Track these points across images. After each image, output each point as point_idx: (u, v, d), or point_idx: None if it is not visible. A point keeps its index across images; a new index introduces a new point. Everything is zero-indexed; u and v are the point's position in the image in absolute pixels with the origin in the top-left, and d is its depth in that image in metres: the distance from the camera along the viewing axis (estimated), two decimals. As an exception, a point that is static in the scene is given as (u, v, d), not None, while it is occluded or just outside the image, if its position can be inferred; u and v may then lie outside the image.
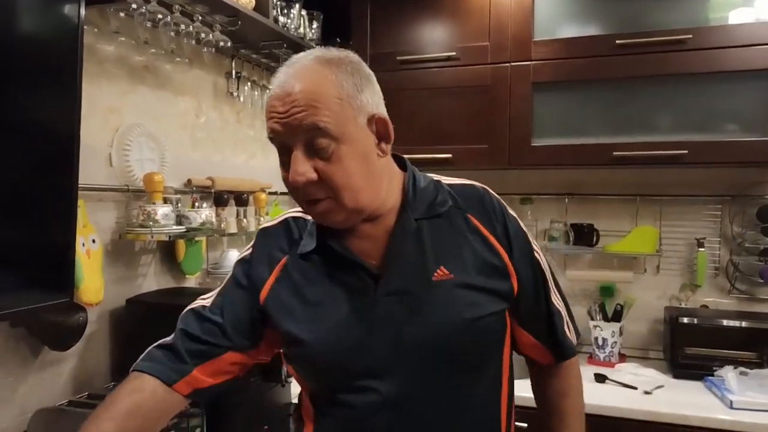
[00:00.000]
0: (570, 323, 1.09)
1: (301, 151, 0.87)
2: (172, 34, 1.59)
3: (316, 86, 0.87)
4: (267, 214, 2.17)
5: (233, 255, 1.96)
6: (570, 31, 2.17)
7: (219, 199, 1.91)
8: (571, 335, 1.08)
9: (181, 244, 1.78)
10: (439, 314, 0.92)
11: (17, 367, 1.36)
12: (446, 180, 1.04)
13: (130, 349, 1.58)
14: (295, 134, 0.87)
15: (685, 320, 2.13)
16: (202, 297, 1.06)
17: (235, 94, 2.01)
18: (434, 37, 2.30)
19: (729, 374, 1.93)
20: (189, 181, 1.84)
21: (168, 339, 1.02)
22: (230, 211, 2.00)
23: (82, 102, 1.21)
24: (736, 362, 2.02)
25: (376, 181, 0.93)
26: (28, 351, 1.38)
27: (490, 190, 1.04)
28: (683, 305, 2.35)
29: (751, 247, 2.26)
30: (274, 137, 0.90)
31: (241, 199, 2.03)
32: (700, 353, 2.11)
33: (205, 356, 0.99)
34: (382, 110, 0.95)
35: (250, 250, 1.04)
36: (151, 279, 1.74)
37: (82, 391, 1.44)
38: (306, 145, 0.87)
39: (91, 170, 1.49)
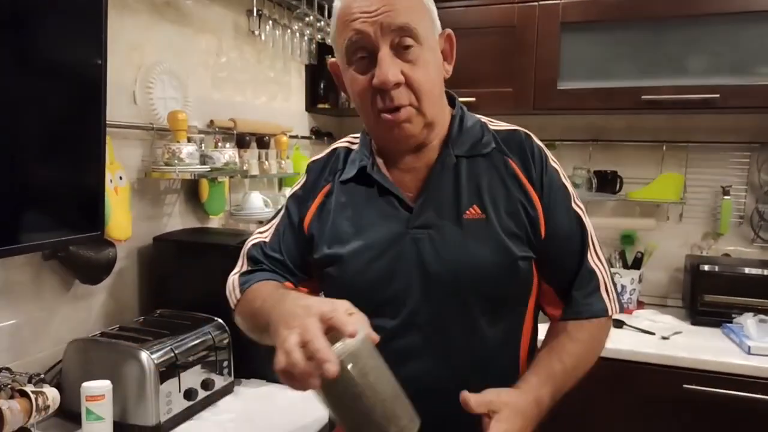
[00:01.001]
0: (611, 289, 1.01)
1: (389, 52, 0.88)
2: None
3: None
4: (288, 158, 2.16)
5: (255, 197, 1.97)
6: (602, -32, 2.09)
7: (241, 141, 1.91)
8: (610, 301, 1.00)
9: (205, 184, 1.80)
10: (464, 252, 0.92)
11: (51, 300, 1.40)
12: (493, 123, 1.03)
13: (158, 284, 1.64)
14: (384, 34, 0.87)
15: (706, 268, 2.12)
16: (259, 231, 1.09)
17: (257, 32, 1.98)
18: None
19: (748, 321, 1.93)
20: (211, 121, 1.83)
21: (246, 268, 1.06)
22: (252, 153, 2.00)
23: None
24: (756, 310, 2.02)
25: (440, 98, 0.96)
26: (61, 285, 1.42)
27: (534, 137, 1.02)
28: (705, 253, 2.34)
29: (778, 195, 2.23)
30: (359, 39, 0.89)
31: (262, 141, 2.03)
32: (720, 301, 2.11)
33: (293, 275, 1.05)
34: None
35: (300, 184, 1.07)
36: (177, 218, 1.76)
37: (113, 324, 1.48)
38: (393, 46, 0.88)
39: (116, 108, 1.48)
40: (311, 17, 2.07)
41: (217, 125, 1.83)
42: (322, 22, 2.13)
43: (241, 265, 1.08)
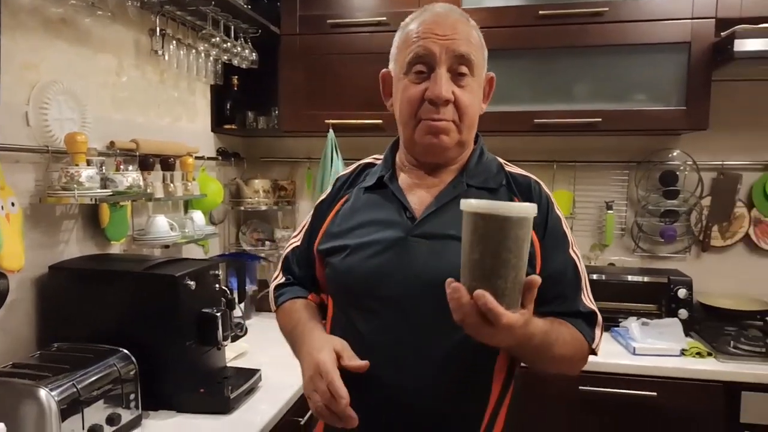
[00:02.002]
0: (602, 330, 1.09)
1: (446, 73, 1.02)
2: (93, -15, 1.50)
3: (469, 28, 1.05)
4: (194, 179, 2.11)
5: (161, 221, 1.90)
6: (496, 0, 2.24)
7: (144, 163, 1.85)
8: (598, 339, 1.07)
9: (105, 209, 1.72)
10: (452, 262, 0.95)
11: (-68, 339, 1.28)
12: (508, 166, 1.14)
13: (56, 316, 1.55)
14: (447, 56, 1.01)
15: (594, 277, 2.30)
16: (293, 235, 1.27)
17: (160, 52, 1.93)
18: (364, 2, 2.30)
19: (632, 324, 2.12)
20: (112, 143, 1.76)
21: (281, 279, 1.25)
22: (156, 175, 1.93)
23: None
24: (638, 314, 2.23)
25: (474, 126, 1.09)
26: (-56, 321, 1.31)
27: (545, 188, 1.12)
28: (593, 263, 2.54)
29: (653, 209, 2.47)
30: (425, 54, 1.02)
31: (167, 163, 1.97)
32: (608, 307, 2.29)
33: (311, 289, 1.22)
34: None
35: (327, 192, 1.23)
36: (74, 246, 1.67)
37: (6, 361, 1.37)
38: (452, 69, 1.02)
39: (6, 130, 1.40)
40: (217, 38, 2.05)
41: (119, 147, 1.76)
42: (229, 43, 2.11)
43: (278, 273, 1.27)
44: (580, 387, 1.96)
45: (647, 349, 2.02)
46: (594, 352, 1.08)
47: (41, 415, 1.18)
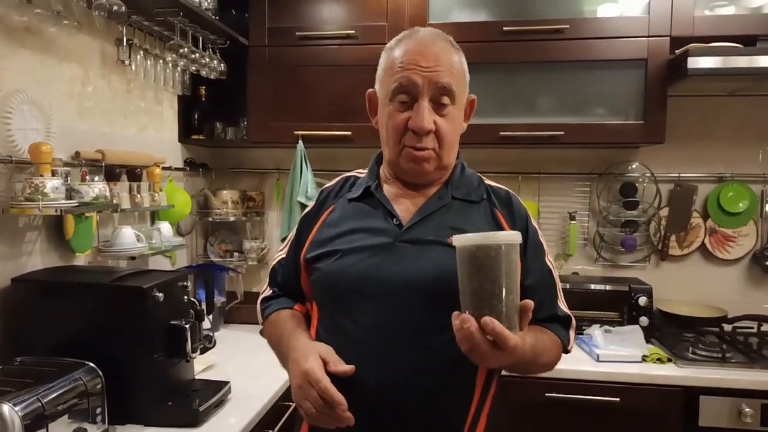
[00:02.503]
0: (575, 332, 1.19)
1: (428, 103, 1.06)
2: (59, -7, 1.48)
3: (452, 56, 1.09)
4: (161, 190, 2.09)
5: (127, 232, 1.88)
6: (462, 15, 2.29)
7: (110, 174, 1.82)
8: (572, 340, 1.17)
9: (70, 220, 1.68)
10: (439, 266, 1.03)
11: None
12: (489, 181, 1.22)
13: (18, 330, 1.51)
14: (429, 88, 1.06)
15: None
16: (280, 248, 1.29)
17: (127, 62, 1.91)
18: (333, 15, 2.32)
19: (596, 332, 2.17)
20: (77, 153, 1.73)
21: (268, 292, 1.28)
22: (122, 186, 1.91)
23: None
24: (601, 321, 2.29)
25: (455, 149, 1.15)
26: None
27: (521, 201, 1.20)
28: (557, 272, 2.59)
29: (614, 219, 2.54)
30: (408, 85, 1.06)
31: (134, 173, 1.95)
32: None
33: (297, 300, 1.25)
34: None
35: (312, 204, 1.26)
36: (37, 257, 1.63)
37: (-35, 377, 1.33)
38: (432, 100, 1.06)
39: (-33, 140, 1.37)
40: (185, 49, 2.04)
41: (84, 157, 1.74)
42: (197, 54, 2.11)
43: (266, 286, 1.30)
44: (546, 394, 2.01)
45: (610, 355, 2.07)
46: (567, 351, 1.17)
47: (4, 430, 1.15)
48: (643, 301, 2.28)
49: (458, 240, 0.88)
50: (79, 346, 1.45)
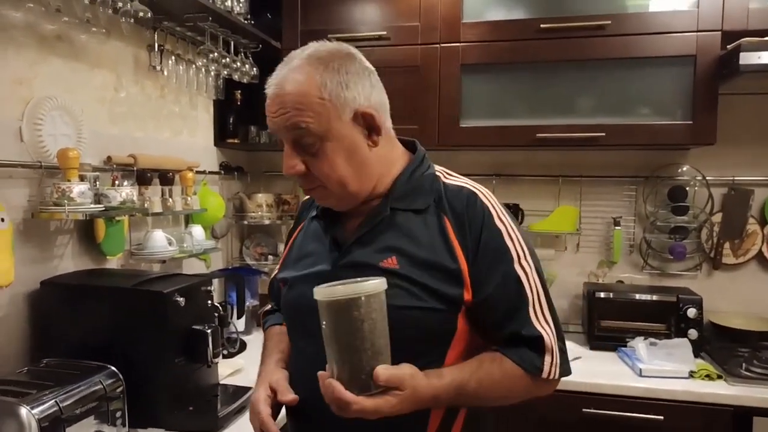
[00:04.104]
0: (556, 353, 0.98)
1: (290, 147, 0.98)
2: (86, 2, 1.51)
3: (301, 88, 0.95)
4: (195, 194, 2.12)
5: (158, 236, 1.90)
6: (497, 14, 2.22)
7: (142, 178, 1.85)
8: (551, 365, 0.98)
9: (101, 224, 1.72)
10: None
11: None
12: (448, 178, 1.07)
13: (46, 332, 1.54)
14: (283, 132, 0.97)
15: (602, 295, 2.25)
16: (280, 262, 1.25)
17: (158, 68, 1.94)
18: (365, 16, 2.30)
19: (639, 344, 2.05)
20: (109, 158, 1.77)
21: (268, 306, 1.31)
22: (154, 190, 1.94)
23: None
24: (646, 333, 2.16)
25: (366, 171, 1.01)
26: (-69, 336, 1.31)
27: (484, 196, 1.03)
28: (600, 281, 2.48)
29: (662, 225, 2.41)
30: (273, 132, 1.00)
31: (166, 177, 1.97)
32: (615, 326, 2.23)
33: None
34: (374, 102, 1.00)
35: (294, 220, 1.24)
36: (69, 260, 1.67)
37: (-8, 377, 1.37)
38: (294, 142, 0.97)
39: (-2, 145, 1.41)
40: (216, 53, 2.06)
41: (115, 162, 1.77)
42: (228, 59, 2.12)
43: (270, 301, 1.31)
44: (583, 409, 1.91)
45: (654, 370, 1.95)
46: (551, 378, 0.99)
47: (22, 432, 1.17)
48: (692, 312, 2.14)
49: (317, 293, 0.86)
50: (103, 348, 1.47)
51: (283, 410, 1.07)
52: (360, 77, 0.98)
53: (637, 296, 2.25)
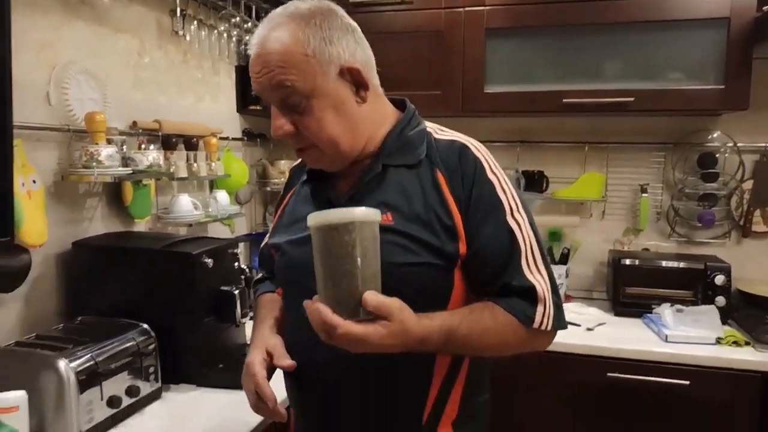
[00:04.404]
0: (549, 303, 0.98)
1: (277, 107, 0.96)
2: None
3: (284, 46, 0.93)
4: (218, 159, 2.13)
5: (184, 200, 1.92)
6: (522, -25, 2.17)
7: (167, 143, 1.86)
8: (544, 316, 0.97)
9: (128, 187, 1.74)
10: None
11: (-42, 310, 1.32)
12: (439, 133, 1.06)
13: (79, 291, 1.58)
14: (269, 92, 0.95)
15: (627, 262, 2.23)
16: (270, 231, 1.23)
17: (181, 33, 1.94)
18: (388, -20, 2.26)
19: (665, 311, 2.04)
20: (134, 123, 1.78)
21: (259, 275, 1.30)
22: (179, 155, 1.95)
23: (12, 36, 1.15)
24: (673, 300, 2.14)
25: (356, 128, 1.00)
26: (-30, 294, 1.35)
27: (475, 148, 1.02)
28: (626, 248, 2.46)
29: (691, 192, 2.37)
30: (258, 94, 0.98)
31: (190, 143, 1.98)
32: (640, 293, 2.22)
33: None
34: (359, 58, 0.98)
35: (283, 187, 1.21)
36: (98, 223, 1.70)
37: (29, 333, 1.41)
38: (281, 102, 0.95)
39: (27, 109, 1.42)
40: (238, 18, 2.04)
41: (141, 126, 1.78)
42: (250, 23, 2.11)
43: (259, 269, 1.32)
44: (608, 373, 1.91)
45: (680, 336, 1.94)
46: (543, 329, 0.98)
47: (60, 384, 1.21)
48: (720, 279, 2.12)
49: (309, 219, 0.85)
50: (134, 307, 1.51)
51: (278, 374, 1.06)
52: (343, 33, 0.96)
53: (664, 263, 2.23)
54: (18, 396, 1.15)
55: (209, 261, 1.53)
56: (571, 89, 2.13)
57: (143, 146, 1.72)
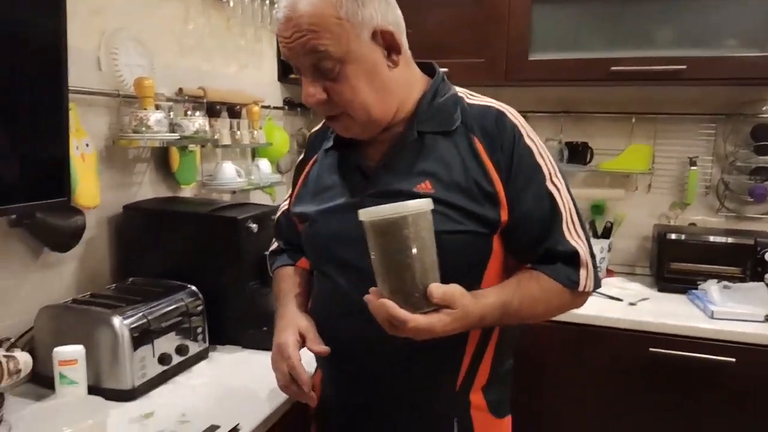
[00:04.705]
0: (590, 266, 1.00)
1: (309, 73, 0.93)
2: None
3: (315, 9, 0.89)
4: (260, 128, 2.14)
5: (228, 167, 1.95)
6: (573, -62, 2.09)
7: (211, 110, 1.88)
8: (587, 278, 1.00)
9: (175, 153, 1.77)
10: None
11: (19, 268, 1.38)
12: (471, 98, 1.04)
13: (129, 253, 1.63)
14: (300, 58, 0.92)
15: (673, 236, 2.18)
16: (284, 200, 1.25)
17: (225, -1, 1.94)
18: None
19: (712, 287, 1.99)
20: (180, 90, 1.80)
21: (274, 246, 1.29)
22: (223, 122, 1.97)
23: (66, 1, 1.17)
24: (720, 277, 2.08)
25: (388, 94, 0.97)
26: (29, 253, 1.40)
27: (511, 114, 1.01)
28: (672, 223, 2.40)
29: (742, 165, 2.28)
30: (288, 59, 0.95)
31: (233, 111, 2.00)
32: (686, 268, 2.16)
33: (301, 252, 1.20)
34: (391, 20, 0.96)
35: (303, 154, 1.20)
36: (147, 187, 1.74)
37: (84, 291, 1.47)
38: (313, 67, 0.92)
39: (80, 74, 1.45)
40: (281, -16, 2.03)
41: (186, 93, 1.80)
42: (293, -10, 2.09)
43: (274, 239, 1.29)
44: (651, 349, 1.88)
45: (727, 313, 1.89)
46: (587, 292, 1.02)
47: (115, 340, 1.25)
48: (770, 255, 2.05)
49: (362, 214, 0.84)
50: (182, 270, 1.54)
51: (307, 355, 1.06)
52: None
53: (711, 239, 2.16)
54: (76, 350, 1.20)
55: (254, 226, 1.55)
56: (620, 57, 2.06)
57: (189, 113, 1.74)
